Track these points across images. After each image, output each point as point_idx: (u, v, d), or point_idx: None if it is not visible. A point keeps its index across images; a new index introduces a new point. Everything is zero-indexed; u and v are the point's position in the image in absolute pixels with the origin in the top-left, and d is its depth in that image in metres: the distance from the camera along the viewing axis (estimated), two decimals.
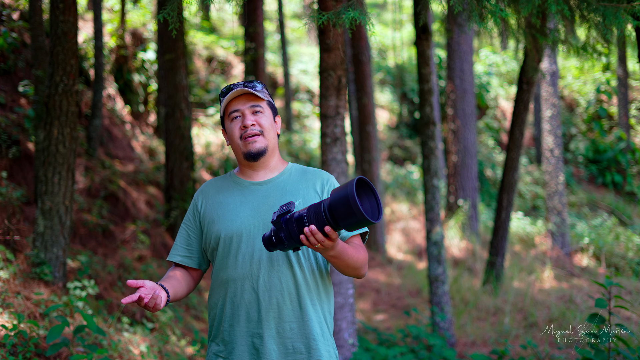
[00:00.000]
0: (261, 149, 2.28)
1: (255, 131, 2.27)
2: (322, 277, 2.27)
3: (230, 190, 2.34)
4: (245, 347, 2.20)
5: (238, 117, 2.30)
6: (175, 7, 3.28)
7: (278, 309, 2.18)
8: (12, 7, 8.11)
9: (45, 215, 4.66)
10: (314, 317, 2.22)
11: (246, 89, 2.28)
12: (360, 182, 1.95)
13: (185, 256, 2.36)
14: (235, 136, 2.30)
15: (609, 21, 3.55)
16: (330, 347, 2.26)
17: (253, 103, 2.30)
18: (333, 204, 1.90)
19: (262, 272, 2.19)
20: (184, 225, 2.40)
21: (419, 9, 5.58)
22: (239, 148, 2.31)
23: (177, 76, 7.78)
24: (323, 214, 1.92)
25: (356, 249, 2.20)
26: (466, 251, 10.48)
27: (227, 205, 2.29)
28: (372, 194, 1.99)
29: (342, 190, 1.90)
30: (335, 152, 4.49)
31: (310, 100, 15.88)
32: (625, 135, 15.25)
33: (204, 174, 10.54)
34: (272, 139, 2.33)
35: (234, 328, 2.22)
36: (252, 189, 2.31)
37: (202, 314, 6.31)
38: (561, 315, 6.48)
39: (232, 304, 2.23)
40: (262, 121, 2.29)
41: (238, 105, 2.30)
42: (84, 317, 3.51)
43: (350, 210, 1.86)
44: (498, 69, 18.07)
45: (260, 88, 2.32)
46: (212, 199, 2.34)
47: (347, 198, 1.86)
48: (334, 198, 1.91)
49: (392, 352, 4.92)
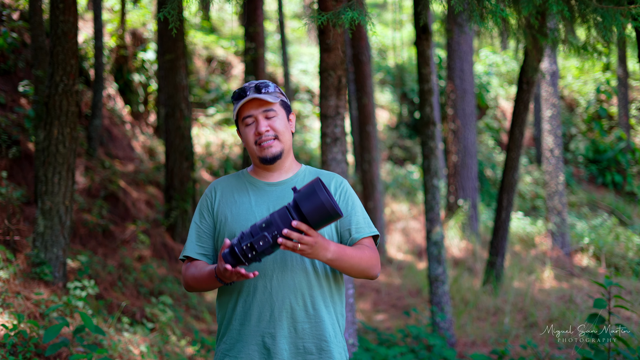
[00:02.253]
0: (277, 153, 2.28)
1: (269, 137, 2.27)
2: (335, 279, 2.28)
3: (245, 190, 2.33)
4: (256, 347, 2.19)
5: (252, 123, 2.29)
6: (175, 6, 3.28)
7: (291, 309, 2.18)
8: (12, 7, 8.11)
9: (45, 215, 4.66)
10: (327, 318, 2.22)
11: (257, 96, 2.25)
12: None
13: (199, 253, 2.33)
14: (250, 141, 2.29)
15: (607, 22, 3.55)
16: (341, 349, 2.26)
17: (266, 107, 2.27)
18: (299, 200, 1.95)
19: (276, 272, 2.19)
20: (195, 222, 2.36)
21: (419, 9, 5.58)
22: (254, 152, 2.30)
23: (177, 76, 7.78)
24: (288, 213, 1.97)
25: (359, 248, 2.20)
26: (466, 251, 10.48)
27: (243, 204, 2.29)
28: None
29: (306, 186, 1.96)
30: (335, 152, 4.49)
31: (310, 100, 15.87)
32: (625, 135, 15.24)
33: (204, 174, 10.54)
34: (287, 141, 2.32)
35: (244, 327, 2.21)
36: (267, 190, 2.31)
37: (202, 314, 6.31)
38: (561, 315, 6.48)
39: (244, 303, 2.22)
40: (276, 125, 2.28)
41: (251, 110, 2.28)
42: (82, 318, 3.50)
43: (318, 201, 1.92)
44: (498, 69, 18.07)
45: (272, 90, 2.30)
46: (226, 197, 2.33)
47: (314, 188, 1.92)
48: (300, 195, 1.96)
49: (392, 352, 4.92)
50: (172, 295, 6.21)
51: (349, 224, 2.28)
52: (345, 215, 2.28)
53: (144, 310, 5.52)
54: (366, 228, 2.29)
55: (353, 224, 2.28)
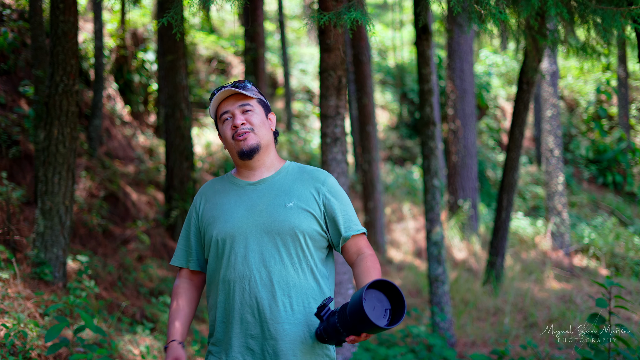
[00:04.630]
0: (253, 145, 2.27)
1: (245, 129, 2.27)
2: (318, 279, 2.25)
3: (227, 191, 2.33)
4: (238, 348, 2.19)
5: (229, 118, 2.30)
6: (179, 10, 3.29)
7: (270, 310, 2.16)
8: (12, 7, 8.11)
9: (45, 215, 4.66)
10: (308, 319, 2.20)
11: (233, 89, 2.28)
12: (379, 285, 1.98)
13: (187, 260, 2.38)
14: (227, 137, 2.30)
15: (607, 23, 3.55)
16: (324, 350, 2.23)
17: (242, 102, 2.30)
18: (351, 314, 1.93)
19: (255, 273, 2.18)
20: (184, 229, 2.40)
21: (419, 9, 5.58)
22: (232, 148, 2.31)
23: (177, 76, 7.78)
24: (349, 322, 1.95)
25: (374, 268, 2.22)
26: (466, 251, 10.48)
27: (223, 206, 2.29)
28: (395, 290, 1.99)
29: (356, 302, 1.92)
30: (335, 152, 4.49)
31: (310, 100, 15.87)
32: (625, 136, 15.24)
33: (204, 174, 10.54)
34: (265, 136, 2.31)
35: (228, 329, 2.22)
36: (248, 189, 2.31)
37: (202, 314, 6.32)
38: (561, 315, 6.49)
39: (225, 305, 2.22)
40: (253, 119, 2.29)
41: (227, 107, 2.30)
42: (82, 318, 3.51)
43: (364, 322, 1.89)
44: (498, 69, 18.06)
45: (249, 87, 2.32)
46: (210, 201, 2.35)
47: (360, 312, 1.88)
48: (351, 308, 1.94)
49: (392, 352, 4.92)
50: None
51: (336, 223, 2.27)
52: (331, 214, 2.27)
53: (144, 310, 5.52)
54: (353, 225, 2.28)
55: (340, 223, 2.27)
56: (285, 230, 2.20)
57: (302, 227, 2.21)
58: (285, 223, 2.20)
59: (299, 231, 2.20)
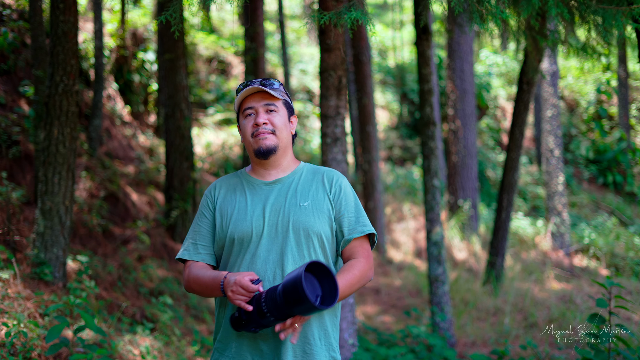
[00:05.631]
0: (271, 146, 2.26)
1: (266, 129, 2.26)
2: None
3: (241, 189, 2.32)
4: (247, 348, 2.19)
5: (252, 115, 2.29)
6: (178, 9, 3.28)
7: None
8: (12, 7, 8.10)
9: (45, 215, 4.66)
10: (313, 321, 2.20)
11: (261, 87, 2.27)
12: (313, 267, 2.00)
13: (196, 254, 2.32)
14: (247, 133, 2.29)
15: (608, 23, 3.55)
16: (328, 351, 2.22)
17: (268, 101, 2.28)
18: (285, 291, 1.96)
19: (269, 273, 2.18)
20: (195, 223, 2.36)
21: (420, 9, 5.58)
22: (250, 145, 2.30)
23: (177, 76, 7.78)
24: (278, 301, 1.97)
25: (348, 271, 2.18)
26: (466, 251, 10.47)
27: (239, 204, 2.28)
28: (329, 275, 2.02)
29: (292, 277, 1.95)
30: (335, 152, 4.49)
31: (311, 100, 15.87)
32: (625, 136, 15.24)
33: (204, 174, 10.53)
34: (284, 139, 2.31)
35: None
36: (263, 188, 2.30)
37: (202, 314, 6.31)
38: (561, 315, 6.48)
39: (233, 305, 2.21)
40: (275, 120, 2.28)
41: (252, 103, 2.29)
42: (83, 318, 3.50)
43: (299, 298, 1.91)
44: (498, 69, 18.06)
45: (277, 87, 2.31)
46: (224, 196, 2.33)
47: (296, 286, 1.91)
48: (285, 285, 1.96)
49: (392, 352, 4.92)
50: (172, 295, 6.21)
51: (341, 225, 2.27)
52: (338, 215, 2.27)
53: (144, 311, 5.52)
54: (358, 227, 2.27)
55: (345, 225, 2.27)
56: (300, 230, 2.20)
57: (316, 228, 2.22)
58: (300, 223, 2.21)
59: (312, 232, 2.21)
